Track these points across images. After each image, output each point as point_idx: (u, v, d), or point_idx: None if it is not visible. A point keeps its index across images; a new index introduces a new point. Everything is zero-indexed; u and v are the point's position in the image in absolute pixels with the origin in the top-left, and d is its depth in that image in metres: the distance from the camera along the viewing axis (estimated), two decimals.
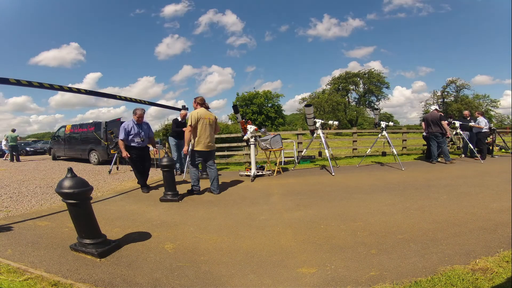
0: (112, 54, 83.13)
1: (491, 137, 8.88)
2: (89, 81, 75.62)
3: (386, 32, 66.67)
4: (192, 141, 4.37)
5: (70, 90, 4.17)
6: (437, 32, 63.40)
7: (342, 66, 74.56)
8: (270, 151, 6.52)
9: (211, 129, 4.41)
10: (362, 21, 64.80)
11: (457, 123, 7.82)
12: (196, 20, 72.44)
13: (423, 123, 7.93)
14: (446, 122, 7.24)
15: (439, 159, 7.34)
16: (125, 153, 4.64)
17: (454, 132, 7.94)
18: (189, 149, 4.40)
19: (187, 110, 6.80)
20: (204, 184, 5.34)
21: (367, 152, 7.88)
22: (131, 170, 7.68)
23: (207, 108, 4.51)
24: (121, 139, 4.62)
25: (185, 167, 6.29)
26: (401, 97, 67.58)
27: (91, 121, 10.90)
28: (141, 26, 76.02)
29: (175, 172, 6.66)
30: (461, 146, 8.76)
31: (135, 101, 5.95)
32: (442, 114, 7.46)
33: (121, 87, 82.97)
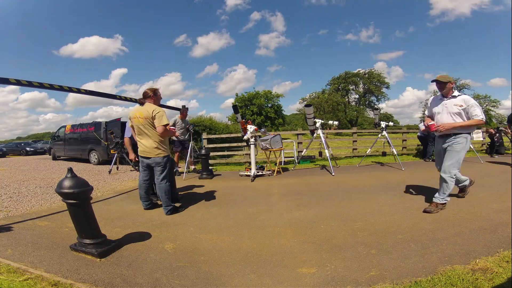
0: (152, 44, 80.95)
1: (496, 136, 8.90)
2: (113, 76, 75.10)
3: (419, 40, 66.56)
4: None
5: (70, 90, 4.17)
6: (459, 36, 63.27)
7: (368, 66, 73.52)
8: (270, 151, 6.52)
9: (143, 130, 3.28)
10: (405, 35, 64.93)
11: None
12: (248, 16, 70.83)
13: (422, 123, 8.02)
14: None
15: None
16: (132, 155, 3.95)
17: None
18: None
19: (187, 109, 6.74)
20: (206, 184, 5.34)
21: (367, 152, 7.87)
22: (131, 170, 7.70)
23: (141, 104, 3.36)
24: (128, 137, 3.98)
25: (185, 167, 6.30)
26: (414, 97, 67.46)
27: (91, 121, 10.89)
28: (198, 14, 74.49)
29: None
30: None
31: (135, 101, 5.96)
32: None
33: (142, 84, 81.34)
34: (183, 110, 6.53)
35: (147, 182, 3.52)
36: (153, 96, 3.38)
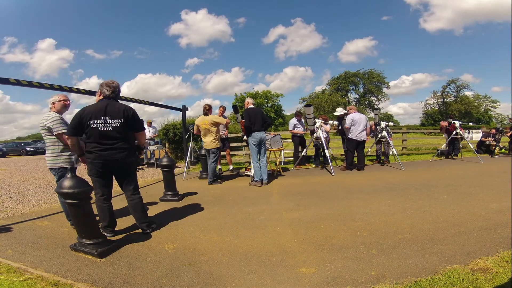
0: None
1: (492, 139, 8.93)
2: (187, 66, 74.91)
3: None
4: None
5: (70, 90, 4.16)
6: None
7: (435, 71, 72.00)
8: (270, 151, 6.52)
9: (207, 132, 5.25)
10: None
11: (457, 123, 7.83)
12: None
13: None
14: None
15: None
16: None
17: (454, 132, 7.95)
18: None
19: (187, 110, 6.92)
20: (206, 184, 5.35)
21: (367, 152, 7.87)
22: None
23: (206, 115, 5.32)
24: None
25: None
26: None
27: None
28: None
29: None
30: (460, 146, 8.77)
31: (135, 101, 5.96)
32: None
33: (209, 74, 78.87)
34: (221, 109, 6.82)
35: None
36: (210, 110, 5.40)
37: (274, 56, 72.09)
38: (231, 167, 7.22)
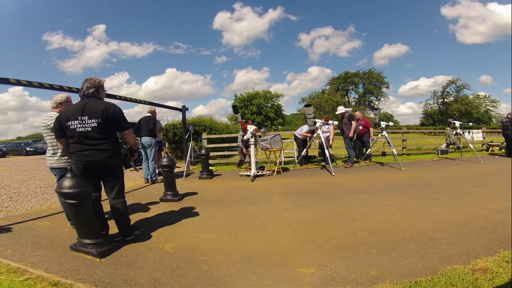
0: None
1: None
2: (218, 62, 71.93)
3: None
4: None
5: (70, 90, 4.16)
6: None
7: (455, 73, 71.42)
8: (270, 151, 6.52)
9: None
10: None
11: (457, 123, 7.83)
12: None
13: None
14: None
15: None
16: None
17: (454, 132, 7.94)
18: None
19: (187, 109, 7.01)
20: (206, 184, 5.35)
21: (367, 152, 7.87)
22: (131, 170, 7.68)
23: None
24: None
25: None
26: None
27: None
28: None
29: None
30: (461, 146, 8.77)
31: (135, 101, 5.95)
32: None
33: (239, 69, 75.95)
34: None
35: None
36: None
37: (308, 56, 68.80)
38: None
